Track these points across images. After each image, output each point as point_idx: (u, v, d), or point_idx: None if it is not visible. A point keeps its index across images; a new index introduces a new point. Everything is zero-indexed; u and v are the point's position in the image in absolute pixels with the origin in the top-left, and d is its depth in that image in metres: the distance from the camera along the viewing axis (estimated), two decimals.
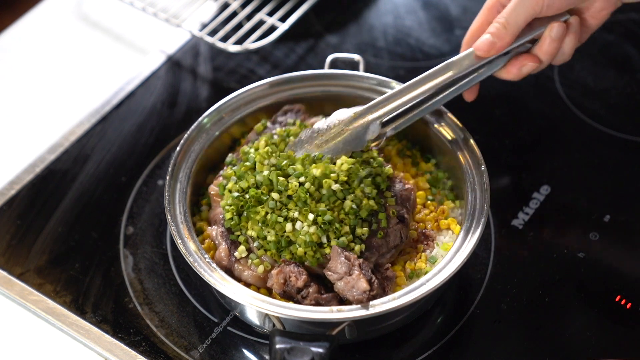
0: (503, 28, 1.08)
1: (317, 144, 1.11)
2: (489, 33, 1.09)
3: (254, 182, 1.08)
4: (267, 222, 1.05)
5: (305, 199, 1.04)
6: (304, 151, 1.11)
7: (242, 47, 1.37)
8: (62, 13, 1.50)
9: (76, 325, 1.11)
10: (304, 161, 1.08)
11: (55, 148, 1.30)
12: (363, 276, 1.02)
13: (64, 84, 1.40)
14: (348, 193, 1.06)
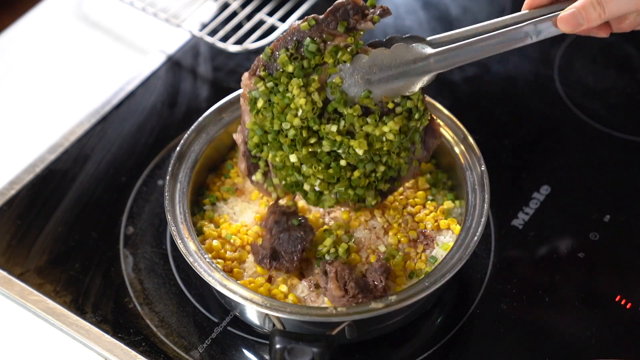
0: (598, 16, 0.99)
1: (369, 79, 1.03)
2: (579, 9, 0.99)
3: (284, 121, 1.04)
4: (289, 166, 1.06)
5: (337, 174, 1.05)
6: (353, 83, 1.03)
7: (242, 47, 1.37)
8: (62, 13, 1.50)
9: (76, 325, 1.11)
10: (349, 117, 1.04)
11: (55, 148, 1.30)
12: (337, 285, 1.03)
13: (64, 84, 1.40)
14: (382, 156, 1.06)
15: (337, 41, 1.03)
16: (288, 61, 1.02)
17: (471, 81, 1.37)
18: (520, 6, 1.47)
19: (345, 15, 1.04)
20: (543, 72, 1.38)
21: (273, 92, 1.04)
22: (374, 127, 1.04)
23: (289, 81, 1.03)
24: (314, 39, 1.03)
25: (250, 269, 1.09)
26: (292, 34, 1.03)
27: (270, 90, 1.04)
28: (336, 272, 1.04)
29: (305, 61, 1.03)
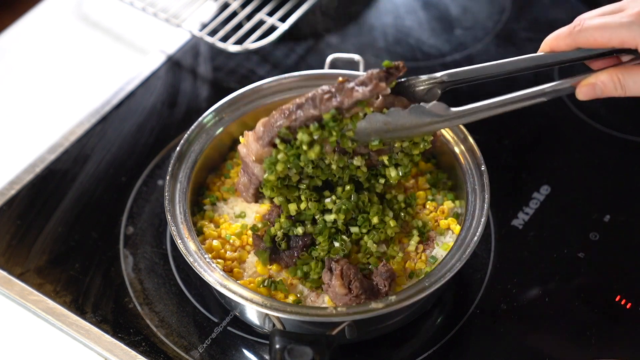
0: (617, 94, 1.01)
1: (383, 135, 1.03)
2: (599, 84, 1.01)
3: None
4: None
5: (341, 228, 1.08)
6: (365, 136, 1.03)
7: (242, 47, 1.37)
8: (62, 13, 1.50)
9: (76, 325, 1.11)
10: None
11: (55, 148, 1.30)
12: (342, 283, 1.03)
13: (64, 84, 1.40)
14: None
15: (354, 111, 1.02)
16: (309, 138, 1.02)
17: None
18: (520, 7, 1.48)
19: (366, 96, 1.01)
20: (543, 72, 1.38)
21: (293, 158, 1.04)
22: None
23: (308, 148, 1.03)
24: (334, 118, 1.01)
25: (250, 269, 1.09)
26: (309, 117, 1.01)
27: (291, 156, 1.04)
28: (341, 270, 1.04)
29: (326, 132, 1.02)
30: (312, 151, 1.02)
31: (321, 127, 1.02)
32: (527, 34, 1.43)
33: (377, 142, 1.03)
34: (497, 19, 1.46)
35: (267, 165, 1.03)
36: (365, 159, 1.06)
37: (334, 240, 1.07)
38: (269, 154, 1.03)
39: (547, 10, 1.46)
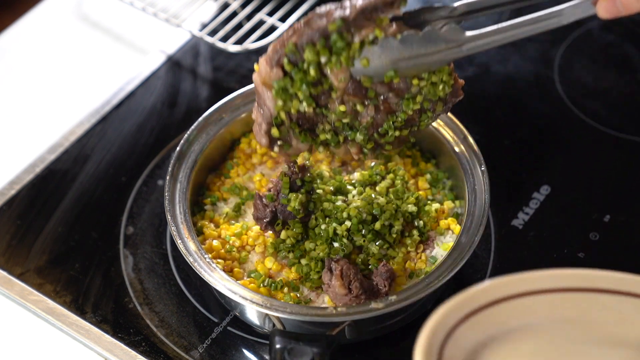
0: (638, 6, 0.94)
1: (397, 61, 0.99)
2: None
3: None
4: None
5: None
6: (379, 65, 0.99)
7: (242, 47, 1.37)
8: (62, 13, 1.50)
9: (76, 325, 1.11)
10: None
11: (55, 148, 1.30)
12: (342, 283, 1.03)
13: (64, 84, 1.40)
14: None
15: (364, 33, 0.98)
16: (316, 58, 0.99)
17: (471, 81, 1.37)
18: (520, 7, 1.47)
19: (374, 13, 0.99)
20: (543, 72, 1.38)
21: (301, 81, 1.00)
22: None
23: (316, 69, 0.99)
24: (341, 34, 0.98)
25: (250, 269, 1.09)
26: (315, 30, 0.98)
27: (299, 80, 1.00)
28: (341, 270, 1.04)
29: (334, 57, 0.99)
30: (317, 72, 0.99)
31: (329, 50, 0.98)
32: None
33: (392, 72, 0.98)
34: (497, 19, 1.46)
35: (276, 92, 1.00)
36: (383, 100, 1.01)
37: (333, 241, 1.07)
38: (278, 76, 0.99)
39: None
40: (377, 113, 1.02)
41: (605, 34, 1.43)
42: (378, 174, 1.14)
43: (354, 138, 1.04)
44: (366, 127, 1.03)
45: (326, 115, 1.03)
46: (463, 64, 1.39)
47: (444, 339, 0.88)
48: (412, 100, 1.02)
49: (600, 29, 1.44)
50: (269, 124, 1.03)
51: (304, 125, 1.03)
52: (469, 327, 0.89)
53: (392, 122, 1.03)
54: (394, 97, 1.02)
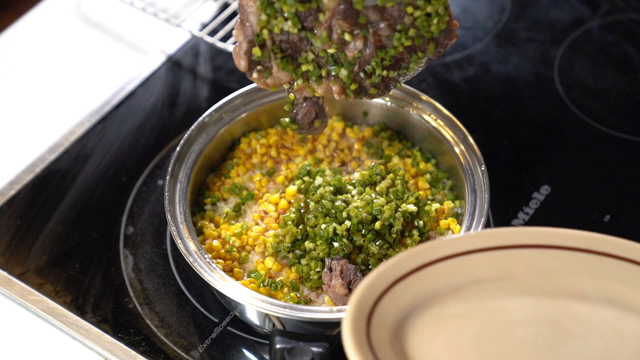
0: None
1: None
2: None
3: None
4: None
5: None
6: None
7: None
8: (62, 13, 1.50)
9: (76, 325, 1.11)
10: None
11: (55, 148, 1.30)
12: (342, 283, 1.03)
13: (64, 84, 1.40)
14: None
15: None
16: None
17: (471, 81, 1.37)
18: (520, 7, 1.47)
19: None
20: (543, 72, 1.38)
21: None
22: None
23: None
24: None
25: (250, 269, 1.09)
26: None
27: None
28: (341, 270, 1.04)
29: None
30: None
31: None
32: (527, 34, 1.43)
33: (382, 2, 0.95)
34: (497, 19, 1.46)
35: (261, 2, 0.97)
36: (373, 31, 0.97)
37: (333, 241, 1.07)
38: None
39: (547, 10, 1.46)
40: (365, 47, 0.99)
41: (605, 34, 1.43)
42: (378, 174, 1.14)
43: (337, 73, 1.00)
44: (351, 63, 0.99)
45: (311, 41, 0.99)
46: (463, 63, 1.39)
47: (372, 308, 0.88)
48: (405, 34, 0.98)
49: (600, 29, 1.44)
50: (250, 43, 1.00)
51: (286, 51, 1.00)
52: (395, 294, 0.90)
53: (381, 58, 0.99)
54: (385, 29, 0.98)
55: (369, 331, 0.86)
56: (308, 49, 0.99)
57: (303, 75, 1.02)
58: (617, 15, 1.44)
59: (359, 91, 1.01)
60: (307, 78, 1.01)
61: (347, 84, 1.00)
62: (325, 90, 1.02)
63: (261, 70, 1.01)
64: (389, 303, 0.89)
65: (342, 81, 1.00)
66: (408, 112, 1.18)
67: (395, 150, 1.19)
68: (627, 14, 1.45)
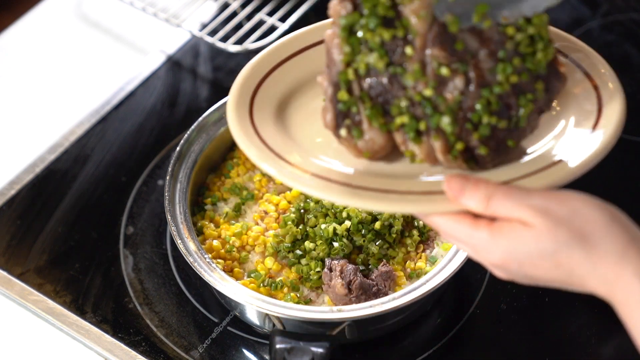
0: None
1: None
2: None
3: None
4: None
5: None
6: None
7: (242, 47, 1.37)
8: (62, 13, 1.50)
9: (76, 325, 1.11)
10: None
11: (55, 148, 1.30)
12: (342, 283, 1.03)
13: (64, 84, 1.40)
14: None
15: None
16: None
17: None
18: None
19: None
20: None
21: (371, 12, 0.86)
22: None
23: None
24: None
25: (250, 269, 1.09)
26: None
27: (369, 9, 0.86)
28: (341, 270, 1.04)
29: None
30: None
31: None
32: None
33: (481, 8, 0.83)
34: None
35: (342, 29, 0.86)
36: (473, 64, 0.84)
37: (333, 241, 1.07)
38: (347, 10, 0.85)
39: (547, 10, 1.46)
40: (467, 87, 0.85)
41: (605, 34, 1.43)
42: None
43: (438, 124, 0.85)
44: (453, 109, 0.85)
45: (402, 83, 0.85)
46: None
47: (254, 91, 0.97)
48: (509, 65, 0.85)
49: (600, 29, 1.43)
50: (335, 86, 0.88)
51: (376, 99, 0.87)
52: (274, 79, 0.98)
53: (486, 99, 0.85)
54: (486, 59, 0.85)
55: (252, 112, 0.95)
56: (400, 94, 0.86)
57: (398, 132, 0.87)
58: (617, 15, 1.44)
59: (467, 154, 0.86)
60: (404, 139, 0.88)
61: (451, 141, 0.85)
62: (426, 152, 0.87)
63: (350, 126, 0.88)
64: (268, 87, 0.97)
65: (446, 136, 0.85)
66: None
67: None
68: (627, 14, 1.45)
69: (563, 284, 0.83)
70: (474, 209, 0.82)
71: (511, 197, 0.81)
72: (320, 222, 1.08)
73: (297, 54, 0.99)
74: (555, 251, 0.80)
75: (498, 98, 0.85)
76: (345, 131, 0.88)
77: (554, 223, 0.80)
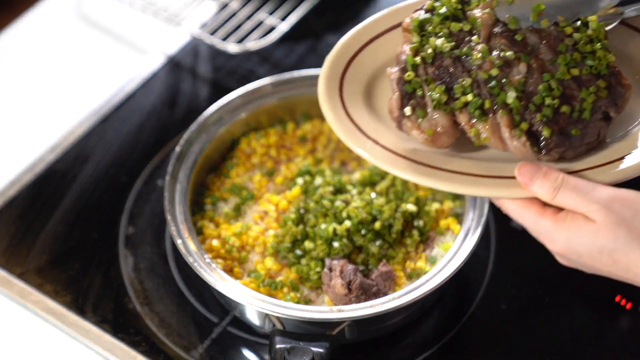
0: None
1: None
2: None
3: None
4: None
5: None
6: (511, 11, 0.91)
7: (242, 47, 1.37)
8: (62, 13, 1.50)
9: (76, 325, 1.11)
10: None
11: (55, 148, 1.30)
12: (342, 283, 1.03)
13: (64, 84, 1.40)
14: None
15: None
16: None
17: None
18: None
19: None
20: None
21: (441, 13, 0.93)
22: None
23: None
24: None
25: (250, 269, 1.09)
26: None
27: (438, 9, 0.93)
28: (341, 270, 1.04)
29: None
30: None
31: None
32: None
33: (537, 6, 0.89)
34: None
35: (414, 26, 0.92)
36: (535, 55, 0.89)
37: (333, 241, 1.07)
38: (419, 14, 0.93)
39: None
40: (529, 72, 0.89)
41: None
42: (378, 174, 1.14)
43: (504, 100, 0.88)
44: (518, 88, 0.88)
45: (467, 66, 0.90)
46: None
47: (345, 67, 0.98)
48: (569, 56, 0.89)
49: None
50: (403, 70, 0.92)
51: (440, 81, 0.91)
52: (367, 53, 0.99)
53: (548, 84, 0.88)
54: (546, 51, 0.90)
55: (342, 85, 0.97)
56: (464, 76, 0.90)
57: (462, 109, 0.90)
58: None
59: (532, 137, 0.88)
60: (469, 118, 0.90)
61: (516, 119, 0.88)
62: (491, 129, 0.89)
63: (415, 106, 0.91)
64: (359, 63, 0.99)
65: (511, 112, 0.88)
66: None
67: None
68: None
69: (620, 278, 0.88)
70: (542, 197, 0.86)
71: (577, 191, 0.85)
72: (320, 222, 1.08)
73: (386, 32, 1.00)
74: (613, 249, 0.84)
75: (559, 84, 0.88)
76: (410, 110, 0.91)
77: (615, 222, 0.84)
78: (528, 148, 0.88)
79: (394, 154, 0.92)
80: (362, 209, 1.08)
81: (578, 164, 0.89)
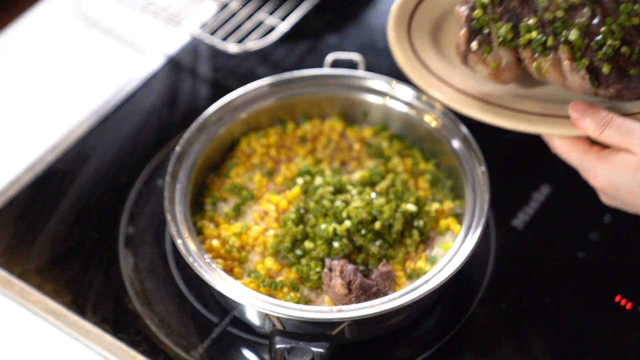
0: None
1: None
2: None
3: None
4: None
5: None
6: None
7: (242, 47, 1.37)
8: (62, 13, 1.50)
9: (76, 325, 1.11)
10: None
11: (55, 148, 1.30)
12: (342, 283, 1.03)
13: (64, 84, 1.40)
14: None
15: None
16: None
17: None
18: None
19: None
20: None
21: None
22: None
23: None
24: None
25: (250, 269, 1.09)
26: None
27: None
28: (341, 270, 1.04)
29: None
30: None
31: None
32: None
33: None
34: None
35: None
36: (598, 4, 0.96)
37: (333, 241, 1.07)
38: None
39: None
40: (592, 17, 0.95)
41: None
42: (378, 174, 1.14)
43: (566, 37, 0.94)
44: (581, 29, 0.94)
45: (533, 2, 0.97)
46: None
47: (413, 9, 1.05)
48: (631, 5, 0.95)
49: None
50: (472, 8, 0.99)
51: (506, 20, 0.97)
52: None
53: (610, 27, 0.94)
54: (610, 1, 0.97)
55: (410, 27, 1.03)
56: (531, 15, 0.97)
57: (526, 46, 0.96)
58: None
59: (591, 72, 0.94)
60: (532, 54, 0.96)
61: (577, 55, 0.94)
62: (553, 62, 0.95)
63: (481, 41, 0.97)
64: (426, 5, 1.05)
65: (573, 48, 0.95)
66: (408, 112, 1.18)
67: (395, 150, 1.19)
68: None
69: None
70: (590, 133, 0.92)
71: (623, 128, 0.90)
72: (320, 222, 1.08)
73: None
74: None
75: (621, 28, 0.94)
76: (477, 44, 0.97)
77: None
78: (587, 82, 0.94)
79: (463, 94, 0.98)
80: (362, 209, 1.08)
81: (632, 106, 0.94)
